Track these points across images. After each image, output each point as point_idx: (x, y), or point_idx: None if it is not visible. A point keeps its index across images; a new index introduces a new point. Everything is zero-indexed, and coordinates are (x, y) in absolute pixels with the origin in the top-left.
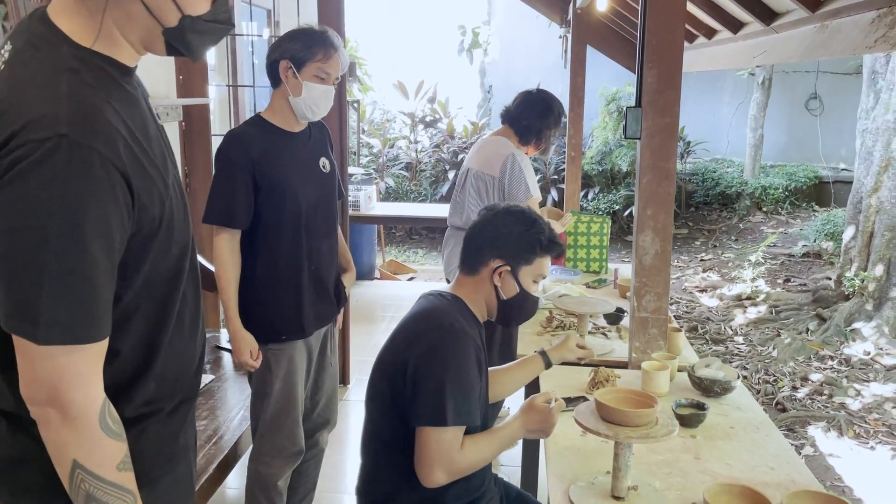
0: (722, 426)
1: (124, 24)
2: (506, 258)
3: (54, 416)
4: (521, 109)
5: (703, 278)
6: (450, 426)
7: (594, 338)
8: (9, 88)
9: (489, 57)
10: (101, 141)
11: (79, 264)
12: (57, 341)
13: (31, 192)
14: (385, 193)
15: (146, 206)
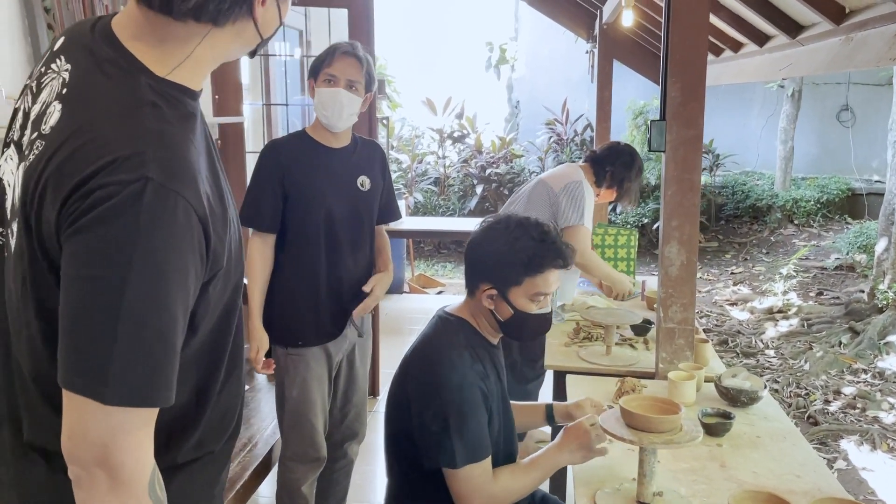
0: (748, 435)
1: (225, 45)
2: (492, 281)
3: (102, 479)
4: (607, 155)
5: (734, 291)
6: (461, 466)
7: (621, 349)
8: (83, 120)
9: (516, 73)
10: (186, 185)
11: (156, 321)
12: (126, 403)
13: (112, 238)
14: (414, 208)
15: (218, 253)
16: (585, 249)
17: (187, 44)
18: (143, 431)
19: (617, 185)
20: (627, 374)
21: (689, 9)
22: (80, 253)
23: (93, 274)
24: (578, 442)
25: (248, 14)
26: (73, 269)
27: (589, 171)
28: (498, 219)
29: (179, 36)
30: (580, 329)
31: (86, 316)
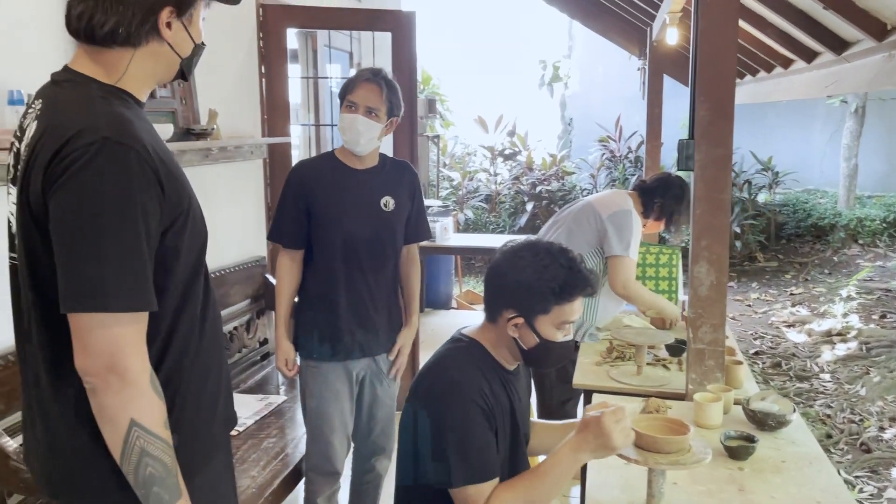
0: (773, 460)
1: (150, 64)
2: (519, 309)
3: (114, 381)
4: (657, 186)
5: (792, 313)
6: (456, 487)
7: (653, 369)
8: (51, 117)
9: (569, 90)
10: (135, 142)
11: (132, 243)
12: (124, 308)
13: (86, 186)
14: (464, 225)
15: (174, 201)
16: (629, 281)
17: (119, 64)
18: (139, 339)
19: (666, 217)
20: (655, 395)
21: (718, 27)
22: (63, 203)
23: (74, 216)
24: (600, 441)
25: (157, 35)
26: (58, 216)
27: (637, 201)
28: (523, 245)
29: (112, 59)
30: (613, 348)
31: (75, 250)
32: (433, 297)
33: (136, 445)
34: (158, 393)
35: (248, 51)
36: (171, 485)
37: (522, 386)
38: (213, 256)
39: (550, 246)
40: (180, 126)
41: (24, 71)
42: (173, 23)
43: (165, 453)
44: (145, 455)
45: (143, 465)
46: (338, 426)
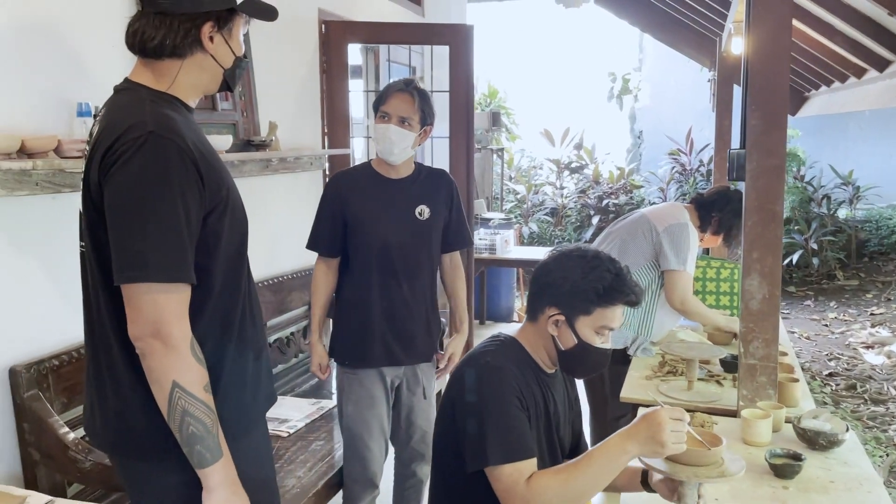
0: (821, 480)
1: (196, 74)
2: (561, 307)
3: (158, 346)
4: (715, 200)
5: (871, 333)
6: (495, 465)
7: (706, 385)
8: (108, 118)
9: (640, 103)
10: (177, 135)
11: (172, 223)
12: (162, 279)
13: (132, 174)
14: (528, 238)
15: (213, 189)
16: (686, 296)
17: (169, 73)
18: (181, 309)
19: (724, 231)
20: (707, 411)
21: (770, 34)
22: (113, 188)
23: (122, 199)
24: (650, 432)
25: (200, 47)
26: (110, 200)
27: (694, 214)
28: (573, 248)
29: (162, 69)
30: (665, 363)
31: (123, 229)
32: (494, 310)
33: (179, 405)
34: (199, 359)
35: (310, 65)
36: (211, 444)
37: (560, 393)
38: (271, 263)
39: (599, 252)
40: (240, 137)
41: (91, 85)
42: (215, 36)
43: (206, 415)
44: (187, 415)
45: (185, 423)
46: (375, 431)
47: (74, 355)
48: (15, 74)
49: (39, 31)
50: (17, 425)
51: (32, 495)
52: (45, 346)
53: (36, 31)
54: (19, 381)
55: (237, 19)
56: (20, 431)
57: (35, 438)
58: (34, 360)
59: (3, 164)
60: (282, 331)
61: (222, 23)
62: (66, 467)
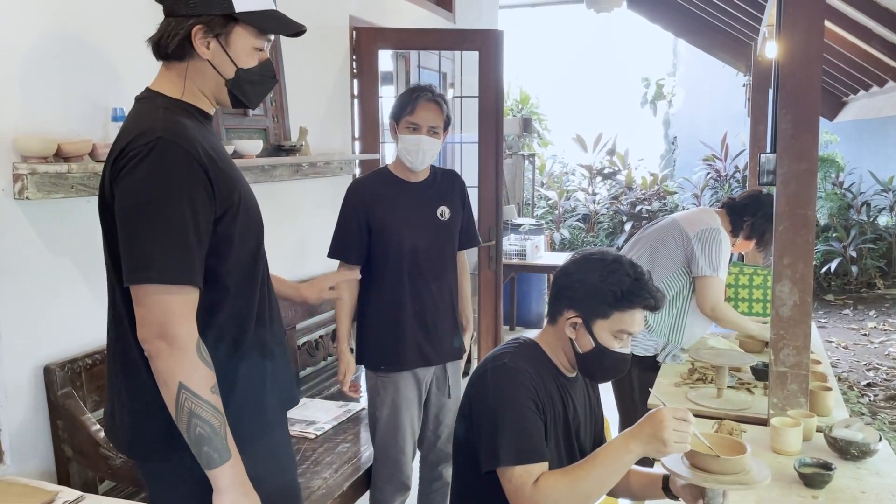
0: (852, 490)
1: (200, 80)
2: (579, 310)
3: (164, 347)
4: (747, 205)
5: None
6: (504, 466)
7: (736, 392)
8: (124, 126)
9: (674, 108)
10: (186, 141)
11: (178, 226)
12: (167, 281)
13: (139, 177)
14: (560, 244)
15: (223, 194)
16: (718, 302)
17: (179, 78)
18: (187, 310)
19: (757, 236)
20: (736, 419)
21: (801, 36)
22: (122, 191)
23: (132, 202)
24: (652, 430)
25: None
26: (119, 203)
27: (725, 219)
28: (595, 251)
29: (173, 74)
30: (695, 370)
31: (131, 231)
32: (524, 316)
33: (185, 407)
34: (205, 361)
35: (340, 71)
36: (219, 446)
37: (581, 397)
38: (302, 266)
39: (621, 256)
40: (271, 142)
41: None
42: (211, 42)
43: (213, 416)
44: (194, 416)
45: (192, 425)
46: (408, 434)
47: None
48: (52, 81)
49: (75, 38)
50: (52, 422)
51: (64, 491)
52: (79, 345)
53: (71, 39)
54: (53, 379)
55: (236, 28)
56: (54, 428)
57: (68, 436)
58: (68, 359)
59: (40, 167)
60: (310, 334)
61: (213, 27)
62: (98, 464)
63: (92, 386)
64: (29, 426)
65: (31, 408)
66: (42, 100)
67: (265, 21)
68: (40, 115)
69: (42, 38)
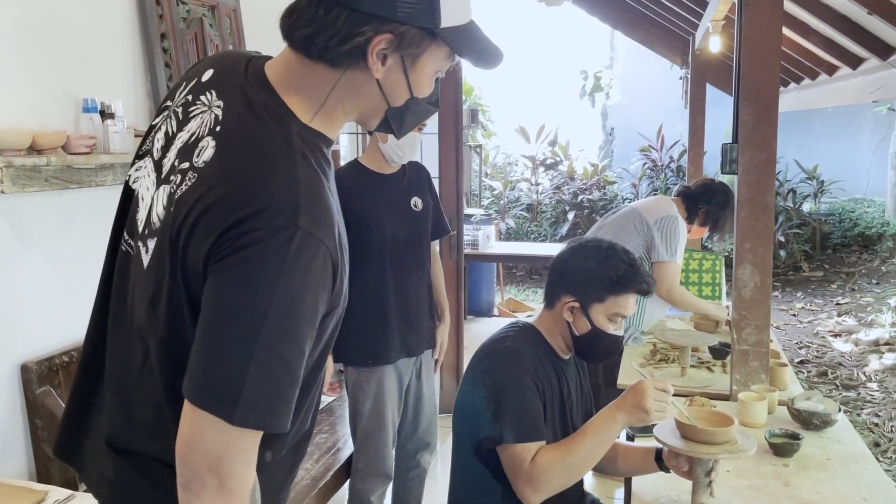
0: (818, 457)
1: (351, 99)
2: (576, 294)
3: (212, 484)
4: (702, 193)
5: (838, 322)
6: (509, 443)
7: (697, 371)
8: (239, 161)
9: (611, 100)
10: (327, 235)
11: (287, 355)
12: (251, 426)
13: (259, 275)
14: (506, 234)
15: (338, 293)
16: (674, 286)
17: (322, 89)
18: (253, 448)
19: (711, 223)
20: (700, 395)
21: (762, 33)
22: (227, 284)
23: (236, 305)
24: (635, 401)
25: (362, 63)
26: (217, 297)
27: (681, 206)
28: (590, 239)
29: (315, 81)
30: (657, 350)
31: (223, 341)
32: (475, 305)
33: None
34: None
35: None
36: None
37: (573, 379)
38: None
39: (615, 244)
40: None
41: (96, 81)
42: (389, 56)
43: None
44: None
45: None
46: (390, 427)
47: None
48: (21, 70)
49: (45, 27)
50: (30, 421)
51: (53, 490)
52: (55, 342)
53: (41, 27)
54: (31, 377)
55: (433, 49)
56: (33, 427)
57: (48, 434)
58: (45, 357)
59: (16, 160)
60: None
61: (406, 41)
62: None
63: (69, 384)
64: (6, 426)
65: (7, 407)
66: (12, 90)
67: (466, 42)
68: (11, 106)
69: (11, 27)
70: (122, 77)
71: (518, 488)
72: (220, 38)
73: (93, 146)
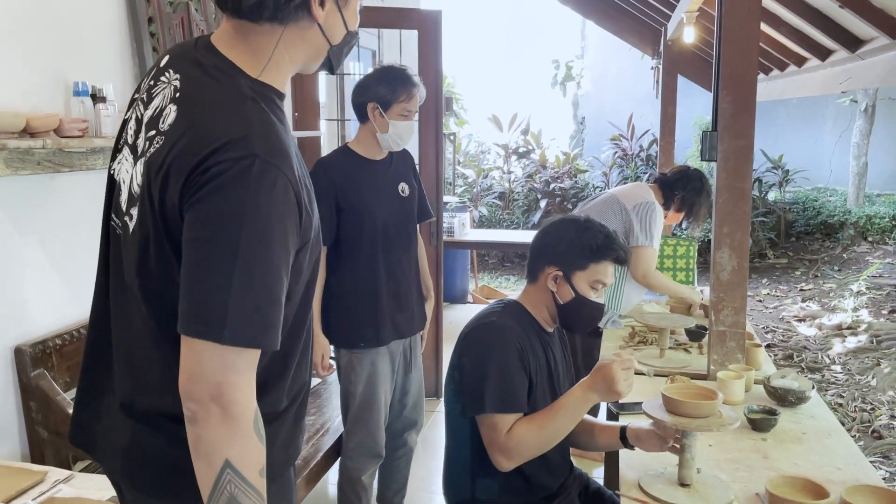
0: (794, 432)
1: (297, 47)
2: (559, 264)
3: (216, 413)
4: (677, 180)
5: (802, 308)
6: (489, 413)
7: (675, 352)
8: (196, 113)
9: (582, 89)
10: (283, 162)
11: (264, 275)
12: (241, 343)
13: (227, 205)
14: (479, 222)
15: (307, 226)
16: (650, 270)
17: (266, 47)
18: (250, 374)
19: (687, 208)
20: (678, 373)
21: (741, 24)
22: (201, 218)
23: (210, 235)
24: (607, 386)
25: (307, 14)
26: (193, 232)
27: (658, 193)
28: (566, 216)
29: (259, 41)
30: (635, 333)
31: (204, 271)
32: (450, 292)
33: (227, 490)
34: (260, 436)
35: None
36: None
37: (559, 351)
38: None
39: (590, 218)
40: None
41: (87, 64)
42: (327, 2)
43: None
44: (233, 501)
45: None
46: (382, 408)
47: (75, 335)
48: (13, 54)
49: (35, 11)
50: (24, 404)
51: (52, 471)
52: (48, 325)
53: (31, 11)
54: (24, 360)
55: None
56: (27, 410)
57: (43, 417)
58: (38, 340)
59: (11, 142)
60: None
61: None
62: None
63: (63, 367)
64: (0, 409)
65: (1, 390)
66: (5, 74)
67: None
68: (4, 91)
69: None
70: (111, 61)
71: (492, 455)
72: (205, 23)
73: (85, 129)
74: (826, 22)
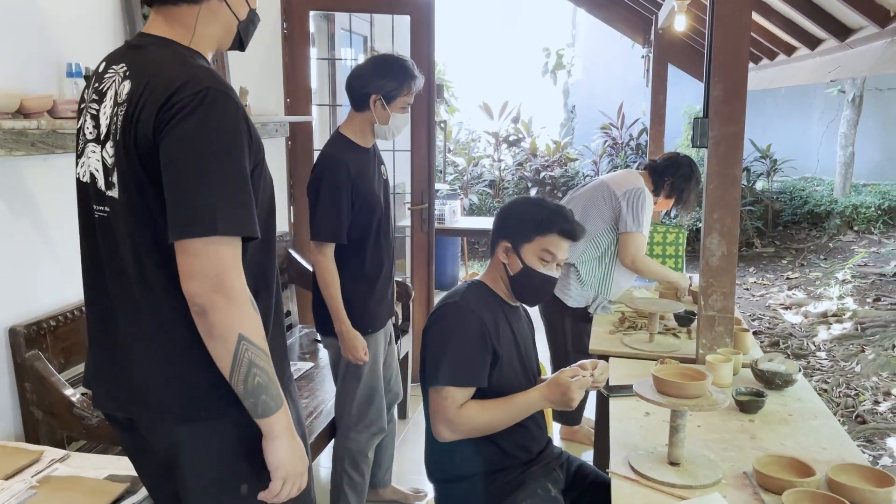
0: (780, 413)
1: (211, 24)
2: (509, 237)
3: (220, 300)
4: (667, 166)
5: (788, 296)
6: (442, 385)
7: (664, 337)
8: (148, 73)
9: (573, 78)
10: (230, 91)
11: (237, 177)
12: (233, 232)
13: (194, 129)
14: (469, 209)
15: (255, 147)
16: (639, 255)
17: (189, 23)
18: (239, 264)
19: (676, 195)
20: (668, 357)
21: (732, 11)
22: (175, 144)
23: (185, 153)
24: (562, 399)
25: None
26: (170, 154)
27: (648, 180)
28: (527, 195)
29: (182, 18)
30: (625, 318)
31: (187, 183)
32: (440, 279)
33: (245, 357)
34: (256, 310)
35: (272, 33)
36: (274, 393)
37: (523, 323)
38: None
39: (546, 197)
40: None
41: (79, 46)
42: None
43: (268, 364)
44: (253, 366)
45: (251, 375)
46: (382, 385)
47: (69, 316)
48: (6, 35)
49: None
50: (18, 385)
51: (48, 451)
52: (42, 306)
53: None
54: (19, 340)
55: None
56: (21, 391)
57: (37, 398)
58: (33, 321)
59: (6, 123)
60: None
61: None
62: (72, 424)
63: (57, 348)
64: None
65: None
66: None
67: None
68: None
69: None
70: (104, 42)
71: (435, 424)
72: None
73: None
74: (815, 10)
